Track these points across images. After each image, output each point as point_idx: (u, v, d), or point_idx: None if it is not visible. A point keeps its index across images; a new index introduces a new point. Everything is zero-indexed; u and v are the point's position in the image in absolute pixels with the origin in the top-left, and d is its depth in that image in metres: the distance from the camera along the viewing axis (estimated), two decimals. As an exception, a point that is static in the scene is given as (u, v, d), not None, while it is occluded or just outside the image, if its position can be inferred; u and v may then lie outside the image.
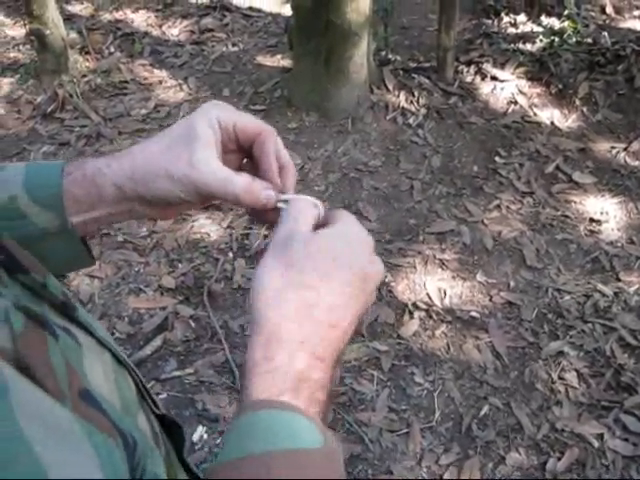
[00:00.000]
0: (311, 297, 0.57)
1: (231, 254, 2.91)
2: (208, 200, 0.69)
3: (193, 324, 2.60)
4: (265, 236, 2.97)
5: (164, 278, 2.79)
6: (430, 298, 2.67)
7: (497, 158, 3.31)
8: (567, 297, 2.63)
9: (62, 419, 0.39)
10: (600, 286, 2.66)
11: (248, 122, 0.68)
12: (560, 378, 2.36)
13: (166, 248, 2.94)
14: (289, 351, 0.55)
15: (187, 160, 0.64)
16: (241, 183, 0.65)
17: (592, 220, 2.96)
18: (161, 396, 2.35)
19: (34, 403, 0.37)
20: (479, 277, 2.74)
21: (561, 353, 2.44)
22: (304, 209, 0.64)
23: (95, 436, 0.41)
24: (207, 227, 3.05)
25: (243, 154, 0.71)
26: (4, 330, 0.41)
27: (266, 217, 0.69)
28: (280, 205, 0.67)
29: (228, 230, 3.02)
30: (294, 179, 0.71)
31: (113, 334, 2.57)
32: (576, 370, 2.38)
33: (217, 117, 0.67)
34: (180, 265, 2.85)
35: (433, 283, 2.73)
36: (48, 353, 0.44)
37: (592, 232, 2.91)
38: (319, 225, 0.64)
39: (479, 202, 3.08)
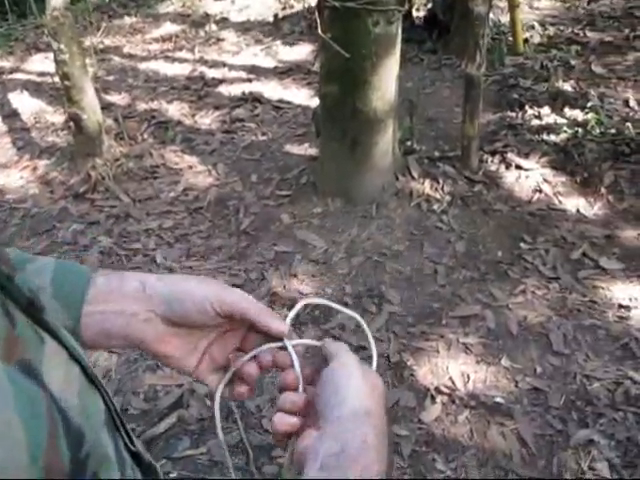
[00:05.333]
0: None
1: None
2: (225, 324, 0.75)
3: (209, 403, 2.55)
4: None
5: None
6: (453, 382, 2.59)
7: (522, 244, 3.28)
8: (596, 384, 2.53)
9: None
10: (631, 373, 2.55)
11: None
12: (590, 468, 2.24)
13: (186, 326, 2.92)
14: None
15: (220, 284, 0.74)
16: (263, 306, 0.74)
17: (621, 306, 2.88)
18: (171, 475, 2.27)
19: None
20: (504, 362, 2.66)
21: (591, 442, 2.33)
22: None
23: (18, 378, 0.43)
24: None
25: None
26: None
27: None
28: (286, 343, 0.75)
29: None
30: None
31: (127, 410, 2.52)
32: (607, 460, 2.26)
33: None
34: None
35: (456, 367, 2.65)
36: None
37: (621, 318, 2.82)
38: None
39: (504, 287, 3.03)
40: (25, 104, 5.34)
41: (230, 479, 2.26)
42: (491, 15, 4.44)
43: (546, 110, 4.29)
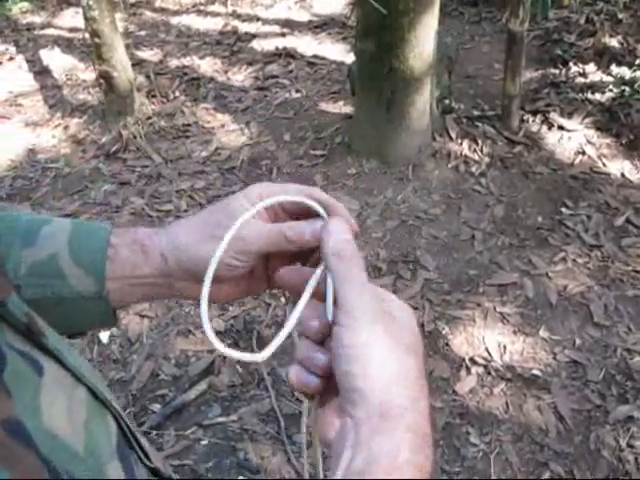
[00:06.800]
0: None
1: (283, 299, 2.83)
2: (254, 260, 0.65)
3: (240, 369, 2.52)
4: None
5: (214, 321, 2.73)
6: (489, 353, 2.53)
7: (563, 209, 3.17)
8: (638, 358, 2.45)
9: None
10: (675, 348, 2.47)
11: (293, 193, 0.65)
12: (629, 446, 2.18)
13: (218, 290, 2.89)
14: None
15: (228, 222, 0.62)
16: (287, 224, 0.63)
17: (666, 277, 2.78)
18: (202, 442, 2.26)
19: None
20: (542, 333, 2.58)
21: (630, 418, 2.26)
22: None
23: None
24: (260, 271, 2.99)
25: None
26: None
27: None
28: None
29: (281, 274, 2.95)
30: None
31: (158, 375, 2.51)
32: (647, 438, 2.20)
33: (259, 194, 0.64)
34: (231, 308, 2.79)
35: (493, 337, 2.59)
36: None
37: (666, 290, 2.73)
38: None
39: (543, 254, 2.94)
40: (56, 61, 5.29)
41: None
42: (535, -35, 4.24)
43: (591, 67, 4.11)
